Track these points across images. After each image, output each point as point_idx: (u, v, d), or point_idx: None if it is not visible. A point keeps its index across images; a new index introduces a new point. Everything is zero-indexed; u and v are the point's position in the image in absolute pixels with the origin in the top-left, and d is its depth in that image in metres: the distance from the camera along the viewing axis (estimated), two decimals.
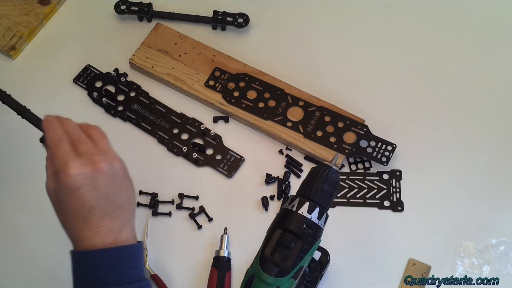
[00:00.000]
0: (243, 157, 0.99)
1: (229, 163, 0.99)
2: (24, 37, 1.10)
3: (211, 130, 1.01)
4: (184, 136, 1.02)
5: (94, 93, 1.05)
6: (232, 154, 1.00)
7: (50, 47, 1.11)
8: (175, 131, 1.02)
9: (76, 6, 1.15)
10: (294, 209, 0.70)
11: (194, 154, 0.98)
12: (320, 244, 0.72)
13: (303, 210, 0.70)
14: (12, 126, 1.00)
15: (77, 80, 1.07)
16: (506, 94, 1.06)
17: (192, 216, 0.94)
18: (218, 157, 0.99)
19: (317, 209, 0.70)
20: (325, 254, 0.87)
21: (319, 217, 0.70)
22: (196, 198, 0.96)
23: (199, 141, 1.01)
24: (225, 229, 0.93)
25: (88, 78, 1.07)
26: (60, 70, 1.09)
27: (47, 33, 1.13)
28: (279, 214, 0.72)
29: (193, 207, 0.95)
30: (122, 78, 1.07)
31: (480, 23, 1.14)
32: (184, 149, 0.99)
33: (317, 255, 0.87)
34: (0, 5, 1.13)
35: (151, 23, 1.13)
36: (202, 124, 1.02)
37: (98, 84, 1.07)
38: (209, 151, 1.00)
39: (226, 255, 0.90)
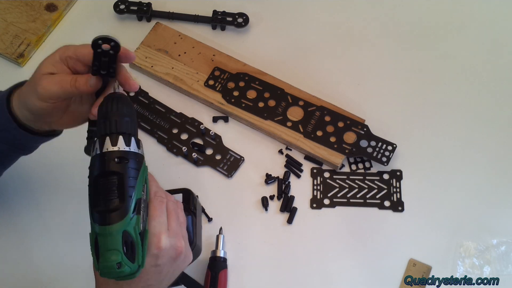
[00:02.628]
0: (243, 157, 0.99)
1: (229, 163, 0.99)
2: (32, 44, 1.09)
3: (210, 130, 1.01)
4: (184, 136, 1.01)
5: None
6: (232, 154, 0.99)
7: None
8: (175, 131, 1.02)
9: (82, 11, 1.14)
10: (98, 152, 0.65)
11: (193, 154, 0.98)
12: (318, 243, 0.71)
13: (107, 147, 0.65)
14: None
15: None
16: (507, 94, 1.05)
17: None
18: (218, 157, 0.99)
19: (120, 137, 0.65)
20: (186, 192, 0.81)
21: (128, 144, 0.65)
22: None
23: (198, 141, 1.01)
24: (220, 229, 0.92)
25: None
26: None
27: (55, 40, 1.12)
28: (90, 167, 0.66)
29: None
30: None
31: (481, 23, 1.13)
32: (184, 149, 0.99)
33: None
34: (7, 13, 1.12)
35: (151, 22, 1.13)
36: (202, 124, 1.02)
37: None
38: (209, 151, 1.00)
39: (222, 255, 0.90)
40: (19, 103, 0.75)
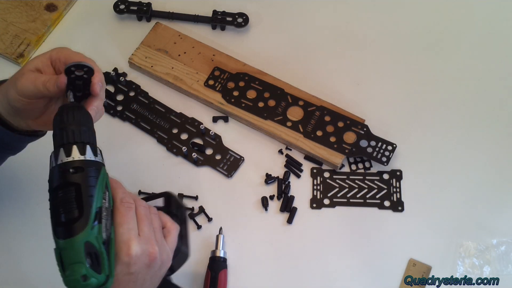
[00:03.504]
0: (243, 157, 0.99)
1: (228, 163, 0.98)
2: (32, 44, 1.09)
3: (210, 130, 1.01)
4: (184, 136, 1.01)
5: None
6: (231, 154, 0.99)
7: None
8: (175, 131, 1.02)
9: (82, 11, 1.14)
10: (54, 164, 0.64)
11: (193, 154, 0.98)
12: (318, 243, 0.71)
13: (61, 158, 0.64)
14: None
15: None
16: (506, 94, 1.05)
17: (192, 216, 0.94)
18: (218, 157, 0.99)
19: (74, 147, 0.64)
20: (167, 196, 0.79)
21: (82, 153, 0.65)
22: (196, 198, 0.96)
23: (198, 141, 1.01)
24: (220, 229, 0.92)
25: None
26: None
27: (55, 40, 1.11)
28: (49, 180, 0.65)
29: (193, 207, 0.95)
30: (121, 77, 1.06)
31: (481, 23, 1.13)
32: (184, 149, 0.99)
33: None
34: (7, 12, 1.12)
35: (150, 22, 1.13)
36: (202, 123, 1.02)
37: None
38: (209, 151, 1.00)
39: (221, 255, 0.90)
40: (1, 96, 0.74)
